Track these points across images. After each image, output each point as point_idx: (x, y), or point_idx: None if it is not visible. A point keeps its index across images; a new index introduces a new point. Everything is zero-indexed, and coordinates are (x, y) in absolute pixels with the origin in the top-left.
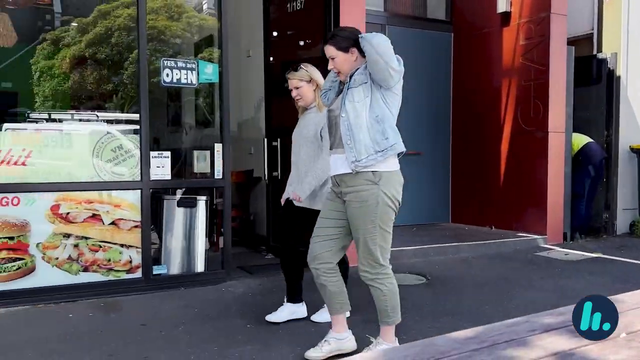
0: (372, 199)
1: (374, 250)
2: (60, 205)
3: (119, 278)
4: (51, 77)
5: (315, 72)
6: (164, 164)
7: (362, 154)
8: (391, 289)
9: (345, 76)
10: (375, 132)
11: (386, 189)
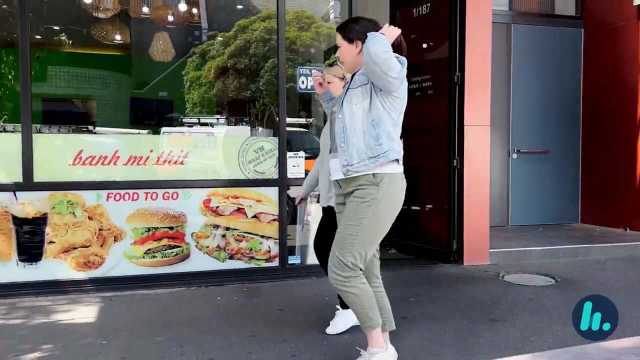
0: (369, 198)
1: (348, 251)
2: (211, 200)
3: (259, 266)
4: (199, 86)
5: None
6: (298, 164)
7: (354, 159)
8: (364, 290)
9: (347, 71)
10: (369, 137)
11: (387, 191)
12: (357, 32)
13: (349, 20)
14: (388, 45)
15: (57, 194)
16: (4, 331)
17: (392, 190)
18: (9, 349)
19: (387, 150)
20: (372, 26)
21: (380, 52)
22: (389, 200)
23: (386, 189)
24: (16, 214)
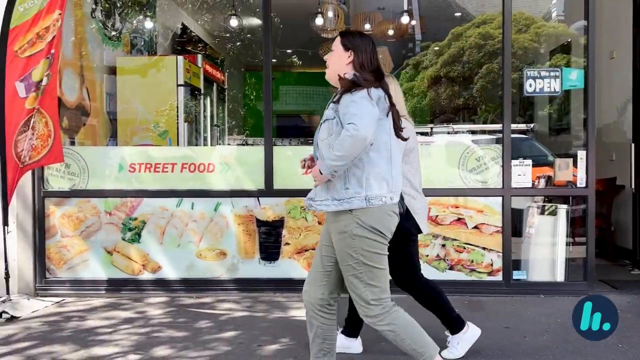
0: (348, 229)
1: (362, 290)
2: (430, 209)
3: (481, 279)
4: (412, 97)
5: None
6: (525, 172)
7: (319, 196)
8: (401, 324)
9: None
10: (337, 178)
11: (363, 218)
12: (356, 44)
13: (354, 31)
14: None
15: (293, 200)
16: (249, 322)
17: (370, 216)
18: (253, 339)
19: (352, 197)
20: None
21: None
22: (372, 229)
23: (364, 218)
24: (259, 217)
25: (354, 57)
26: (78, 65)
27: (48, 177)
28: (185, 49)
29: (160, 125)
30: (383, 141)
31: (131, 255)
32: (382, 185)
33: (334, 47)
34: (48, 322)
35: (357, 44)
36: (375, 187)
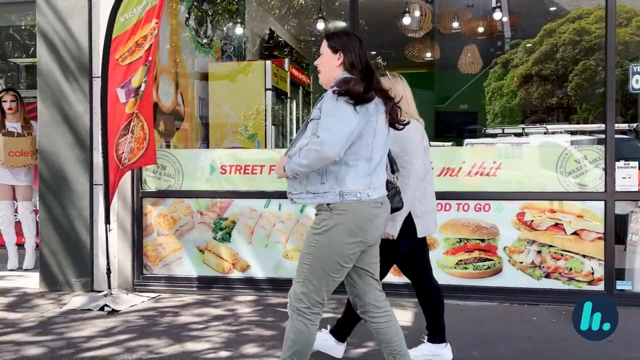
0: (321, 226)
1: (300, 280)
2: (525, 213)
3: (580, 288)
4: (500, 96)
5: (398, 83)
6: (630, 175)
7: (295, 189)
8: (304, 331)
9: (321, 83)
10: (314, 173)
11: (342, 218)
12: (343, 44)
13: (340, 31)
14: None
15: None
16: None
17: (349, 219)
18: None
19: (327, 192)
20: (356, 46)
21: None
22: (345, 230)
23: (341, 217)
24: None
25: (344, 57)
26: (173, 71)
27: (146, 178)
28: (272, 54)
29: (249, 129)
30: (365, 142)
31: (222, 254)
32: (360, 182)
33: (322, 51)
34: (145, 316)
35: (345, 44)
36: (350, 184)
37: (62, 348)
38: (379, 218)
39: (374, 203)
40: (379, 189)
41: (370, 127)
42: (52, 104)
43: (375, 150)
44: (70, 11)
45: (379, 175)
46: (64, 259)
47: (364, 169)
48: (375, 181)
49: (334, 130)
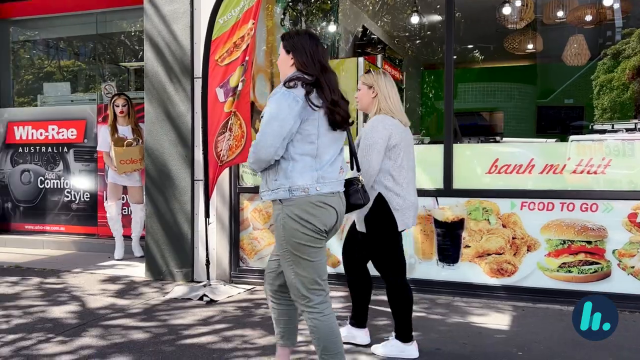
0: (278, 220)
1: (291, 279)
2: (638, 214)
3: None
4: (610, 90)
5: (381, 80)
6: None
7: (262, 185)
8: (318, 327)
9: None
10: (270, 171)
11: (289, 209)
12: (294, 45)
13: (293, 31)
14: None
15: (474, 201)
16: (427, 324)
17: (298, 208)
18: (431, 341)
19: (278, 188)
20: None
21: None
22: (296, 219)
23: (289, 209)
24: (437, 218)
25: (294, 58)
26: (269, 71)
27: (242, 175)
28: (365, 51)
29: None
30: (309, 140)
31: None
32: (306, 177)
33: (279, 52)
34: (241, 307)
35: (295, 44)
36: (298, 179)
37: (164, 334)
38: (330, 206)
39: (325, 195)
40: (331, 184)
41: (312, 126)
42: (157, 104)
43: (322, 148)
44: (173, 16)
45: (330, 172)
46: (167, 250)
47: (311, 164)
48: (325, 177)
49: (267, 133)
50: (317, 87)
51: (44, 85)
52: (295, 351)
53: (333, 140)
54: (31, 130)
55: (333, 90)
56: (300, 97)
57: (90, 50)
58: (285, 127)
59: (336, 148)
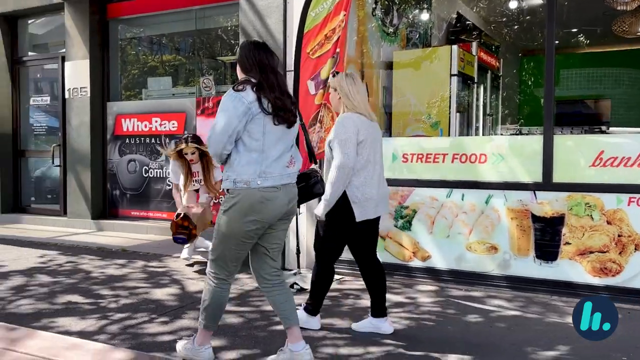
0: (224, 206)
1: (211, 250)
2: None
3: None
4: None
5: (343, 81)
6: None
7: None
8: (212, 293)
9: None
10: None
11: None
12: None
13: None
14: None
15: (575, 196)
16: (522, 323)
17: (242, 201)
18: (526, 341)
19: (227, 178)
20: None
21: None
22: (239, 210)
23: (234, 200)
24: (535, 213)
25: (239, 64)
26: (359, 62)
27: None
28: (459, 39)
29: (432, 116)
30: (255, 137)
31: (402, 242)
32: (250, 170)
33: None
34: (329, 297)
35: (239, 54)
36: (241, 172)
37: (257, 320)
38: (272, 201)
39: (266, 189)
40: (273, 179)
41: (258, 124)
42: None
43: (267, 145)
44: (267, 9)
45: (274, 167)
46: None
47: (255, 159)
48: (268, 172)
49: (216, 130)
50: (260, 88)
51: (148, 80)
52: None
53: (280, 137)
54: (137, 122)
55: (276, 89)
56: (246, 99)
57: (190, 45)
58: (231, 125)
59: (284, 144)
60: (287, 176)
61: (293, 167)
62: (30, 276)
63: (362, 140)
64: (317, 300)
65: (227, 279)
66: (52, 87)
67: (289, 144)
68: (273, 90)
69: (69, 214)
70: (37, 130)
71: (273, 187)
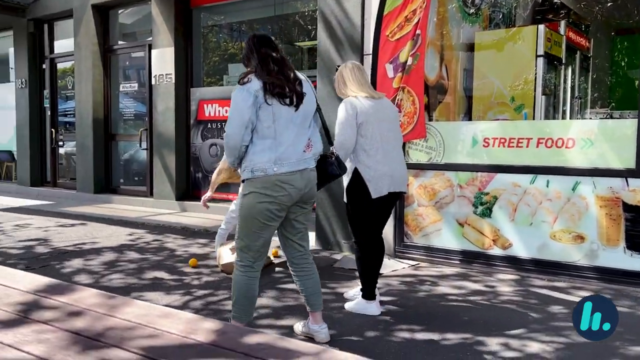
0: (242, 192)
1: (237, 238)
2: None
3: None
4: None
5: (339, 72)
6: None
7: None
8: (238, 282)
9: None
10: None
11: (250, 184)
12: (243, 48)
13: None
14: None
15: None
16: None
17: (260, 185)
18: (614, 336)
19: (244, 169)
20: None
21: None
22: (257, 193)
23: (252, 185)
24: (626, 201)
25: (244, 59)
26: (438, 44)
27: (408, 150)
28: (546, 18)
29: (516, 99)
30: (266, 125)
31: (482, 229)
32: (264, 158)
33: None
34: (405, 282)
35: (244, 48)
36: (257, 160)
37: (333, 301)
38: (288, 184)
39: (284, 176)
40: (289, 164)
41: (267, 111)
42: (327, 81)
43: (279, 131)
44: None
45: (289, 153)
46: (335, 223)
47: (269, 146)
48: (284, 158)
49: (231, 124)
50: (261, 75)
51: (228, 66)
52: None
53: (292, 120)
54: (218, 107)
55: (276, 73)
56: (252, 88)
57: (268, 31)
58: (244, 117)
59: (298, 128)
60: (304, 161)
61: (310, 151)
62: (120, 252)
63: (362, 121)
64: (368, 285)
65: (253, 266)
66: (139, 74)
67: (304, 127)
68: (272, 74)
69: (155, 195)
70: (126, 115)
71: (290, 172)
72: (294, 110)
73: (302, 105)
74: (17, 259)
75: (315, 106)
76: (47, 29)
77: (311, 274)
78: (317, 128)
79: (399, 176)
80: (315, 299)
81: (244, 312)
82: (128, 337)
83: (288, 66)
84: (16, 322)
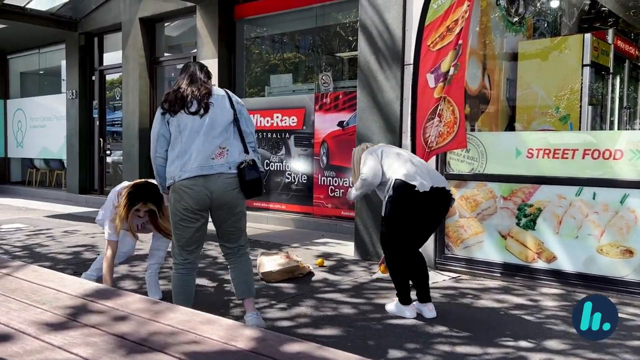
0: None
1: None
2: None
3: None
4: None
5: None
6: None
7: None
8: (172, 279)
9: None
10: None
11: (172, 192)
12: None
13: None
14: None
15: None
16: None
17: (174, 192)
18: None
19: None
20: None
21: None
22: (173, 199)
23: (171, 192)
24: None
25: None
26: (481, 54)
27: (449, 161)
28: (593, 26)
29: (561, 110)
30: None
31: (526, 242)
32: (171, 168)
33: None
34: (445, 294)
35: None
36: (170, 171)
37: (371, 312)
38: (191, 189)
39: (186, 180)
40: (192, 170)
41: (173, 124)
42: (368, 91)
43: (186, 142)
44: (386, 5)
45: (194, 161)
46: (374, 233)
47: (177, 154)
48: (187, 165)
49: (152, 139)
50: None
51: (270, 77)
52: None
53: (197, 130)
54: (259, 118)
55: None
56: (161, 107)
57: (309, 42)
58: (154, 131)
59: (206, 136)
60: (210, 167)
61: (221, 158)
62: (164, 260)
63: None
64: (401, 291)
65: (183, 264)
66: None
67: (214, 135)
68: (178, 90)
69: None
70: None
71: (192, 178)
72: (199, 118)
73: (208, 114)
74: (66, 264)
75: (231, 117)
76: (97, 42)
77: (237, 267)
78: (236, 138)
79: (437, 176)
80: (238, 287)
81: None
82: (171, 342)
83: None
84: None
